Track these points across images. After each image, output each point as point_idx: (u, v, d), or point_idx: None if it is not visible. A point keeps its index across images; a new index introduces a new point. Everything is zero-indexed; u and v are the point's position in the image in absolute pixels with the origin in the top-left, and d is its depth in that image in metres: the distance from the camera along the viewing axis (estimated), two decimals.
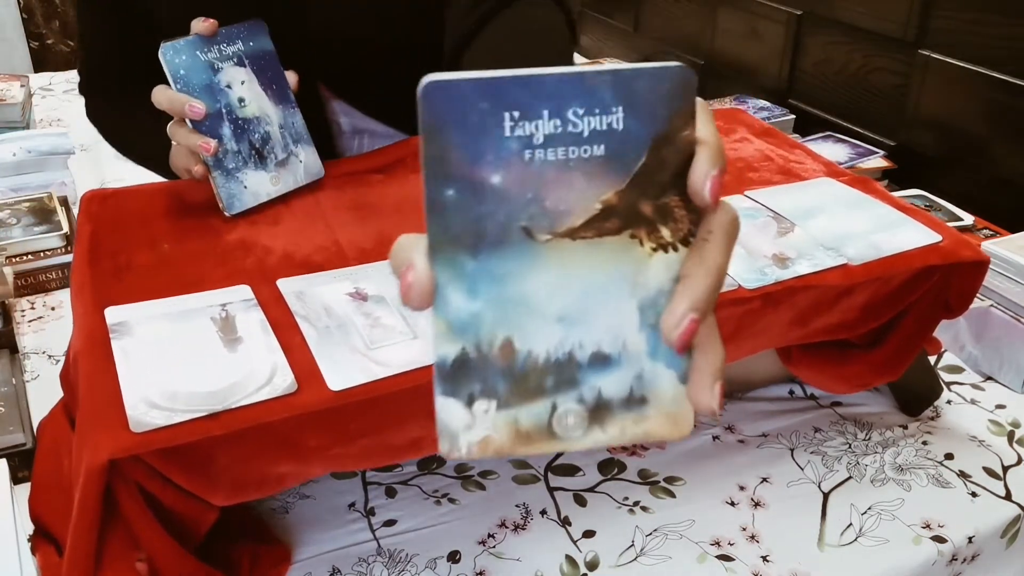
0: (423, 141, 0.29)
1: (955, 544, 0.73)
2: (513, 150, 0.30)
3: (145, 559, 0.55)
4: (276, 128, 0.76)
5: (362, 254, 0.71)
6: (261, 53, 0.75)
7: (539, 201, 0.30)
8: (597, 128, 0.30)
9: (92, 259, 0.69)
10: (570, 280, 0.31)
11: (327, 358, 0.59)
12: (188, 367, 0.58)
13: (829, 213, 0.81)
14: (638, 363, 0.32)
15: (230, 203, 0.74)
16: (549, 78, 0.30)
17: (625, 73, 0.30)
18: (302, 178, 0.78)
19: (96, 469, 0.51)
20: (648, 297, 0.32)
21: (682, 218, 0.32)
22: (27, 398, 0.82)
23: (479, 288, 0.31)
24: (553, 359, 0.32)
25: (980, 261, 0.77)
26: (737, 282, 0.69)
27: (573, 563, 0.69)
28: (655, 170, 0.31)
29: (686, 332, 0.30)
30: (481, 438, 0.32)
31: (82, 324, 0.62)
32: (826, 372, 0.82)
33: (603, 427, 0.33)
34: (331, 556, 0.69)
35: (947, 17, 1.33)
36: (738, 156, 0.92)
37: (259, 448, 0.55)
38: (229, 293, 0.65)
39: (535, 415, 0.32)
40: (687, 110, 0.30)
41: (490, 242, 0.31)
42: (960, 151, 1.35)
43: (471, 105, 0.29)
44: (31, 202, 1.13)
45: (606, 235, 0.31)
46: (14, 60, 2.72)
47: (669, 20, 2.00)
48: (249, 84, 0.74)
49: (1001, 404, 0.91)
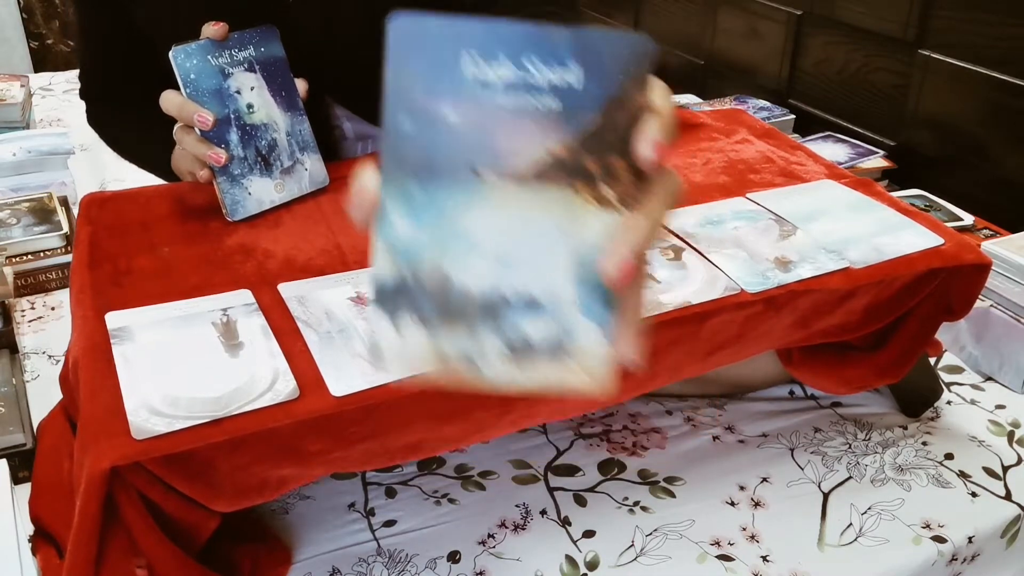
0: (388, 70, 0.31)
1: (955, 544, 0.73)
2: (470, 89, 0.32)
3: (145, 565, 0.55)
4: (283, 135, 0.76)
5: (363, 258, 0.71)
6: (272, 59, 0.75)
7: (490, 142, 0.32)
8: (554, 82, 0.32)
9: (92, 263, 0.68)
10: (510, 223, 0.33)
11: (329, 363, 0.59)
12: (189, 373, 0.57)
13: (831, 216, 0.81)
14: (566, 314, 0.33)
15: (233, 209, 0.74)
16: (510, 25, 0.31)
17: (586, 34, 0.31)
18: (307, 186, 0.78)
19: (98, 476, 0.51)
20: (584, 251, 0.33)
21: (626, 180, 0.33)
22: (27, 398, 0.82)
23: (423, 217, 0.33)
24: (485, 296, 0.33)
25: (982, 264, 0.77)
26: (739, 286, 0.69)
27: (573, 563, 0.69)
28: (605, 130, 0.32)
29: (624, 271, 0.32)
30: (407, 360, 0.34)
31: (82, 329, 0.61)
32: (827, 374, 0.82)
33: (523, 370, 0.34)
34: (331, 556, 0.69)
35: (947, 17, 1.33)
36: (739, 158, 0.92)
37: (261, 454, 0.55)
38: (230, 298, 0.65)
39: (461, 347, 0.34)
40: (641, 78, 0.32)
41: (438, 175, 0.32)
42: (960, 151, 1.35)
43: (433, 40, 0.31)
44: (31, 202, 1.13)
45: (550, 184, 0.32)
46: (14, 60, 2.72)
47: (669, 20, 2.00)
48: (259, 90, 0.74)
49: (1001, 404, 0.91)
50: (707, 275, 0.70)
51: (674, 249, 0.74)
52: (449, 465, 0.79)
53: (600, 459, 0.80)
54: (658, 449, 0.82)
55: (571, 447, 0.82)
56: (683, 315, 0.66)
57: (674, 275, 0.70)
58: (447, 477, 0.78)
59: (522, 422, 0.66)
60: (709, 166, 0.90)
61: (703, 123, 1.00)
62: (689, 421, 0.86)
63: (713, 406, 0.88)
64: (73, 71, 2.03)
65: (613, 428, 0.84)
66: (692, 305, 0.66)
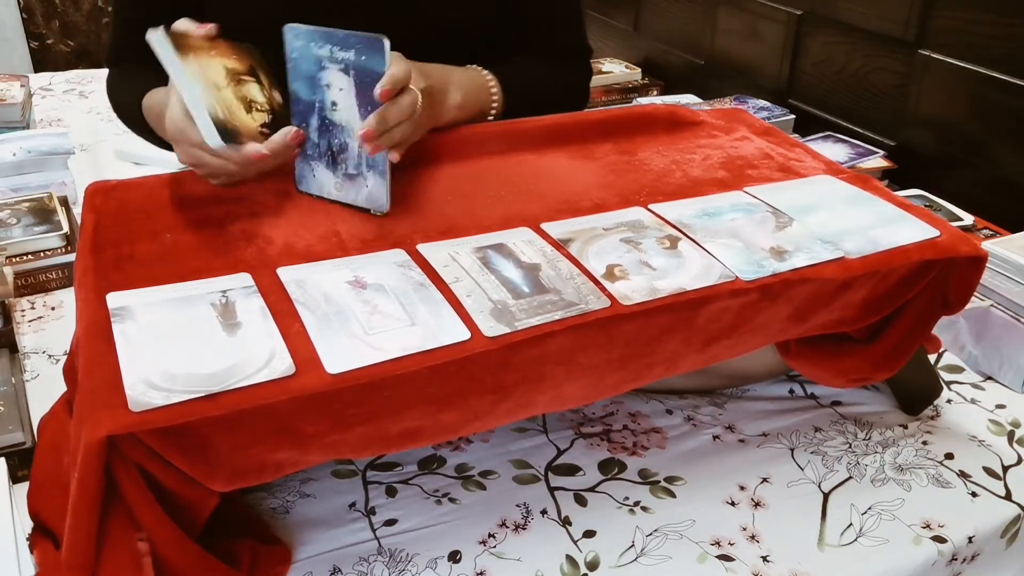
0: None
1: (955, 544, 0.73)
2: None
3: (146, 539, 0.55)
4: (355, 143, 0.75)
5: (363, 245, 0.71)
6: (369, 71, 0.73)
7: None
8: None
9: (95, 249, 0.69)
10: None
11: (325, 343, 0.59)
12: (188, 350, 0.58)
13: (828, 209, 0.81)
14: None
15: (299, 180, 0.79)
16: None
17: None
18: (363, 201, 0.77)
19: (95, 445, 0.51)
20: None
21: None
22: (27, 398, 0.82)
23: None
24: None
25: (978, 257, 0.77)
26: (734, 274, 0.69)
27: (573, 563, 0.69)
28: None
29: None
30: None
31: (84, 311, 0.62)
32: (824, 365, 0.82)
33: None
34: (332, 555, 0.69)
35: (947, 17, 1.33)
36: (738, 154, 0.92)
37: (257, 433, 0.56)
38: (230, 280, 0.66)
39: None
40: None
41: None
42: (960, 151, 1.35)
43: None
44: (31, 202, 1.13)
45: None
46: (14, 60, 2.72)
47: (669, 20, 2.00)
48: (346, 93, 0.74)
49: (1001, 404, 0.91)
50: (703, 263, 0.71)
51: (670, 238, 0.74)
52: (450, 465, 0.79)
53: (600, 459, 0.80)
54: (658, 449, 0.82)
55: (571, 447, 0.82)
56: (678, 301, 0.66)
57: (670, 263, 0.70)
58: (448, 476, 0.78)
59: (519, 411, 0.66)
60: (708, 162, 0.90)
61: (703, 121, 1.00)
62: (689, 420, 0.86)
63: (713, 405, 0.88)
64: (73, 71, 2.03)
65: (613, 428, 0.84)
66: (687, 291, 0.67)
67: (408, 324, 0.62)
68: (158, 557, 0.56)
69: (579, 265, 0.69)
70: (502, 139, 0.91)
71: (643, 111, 1.00)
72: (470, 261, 0.69)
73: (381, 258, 0.69)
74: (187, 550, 0.57)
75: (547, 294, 0.65)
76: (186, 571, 0.58)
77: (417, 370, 0.58)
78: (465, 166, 0.86)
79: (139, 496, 0.54)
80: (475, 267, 0.68)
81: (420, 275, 0.67)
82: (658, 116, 0.99)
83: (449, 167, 0.85)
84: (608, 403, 0.88)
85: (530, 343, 0.62)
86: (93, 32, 2.88)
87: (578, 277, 0.68)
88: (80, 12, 2.85)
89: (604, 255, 0.71)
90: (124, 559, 0.55)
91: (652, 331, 0.66)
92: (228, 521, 0.64)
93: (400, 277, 0.67)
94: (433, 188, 0.81)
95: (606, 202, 0.80)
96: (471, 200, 0.79)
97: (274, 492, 0.75)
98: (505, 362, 0.61)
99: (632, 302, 0.65)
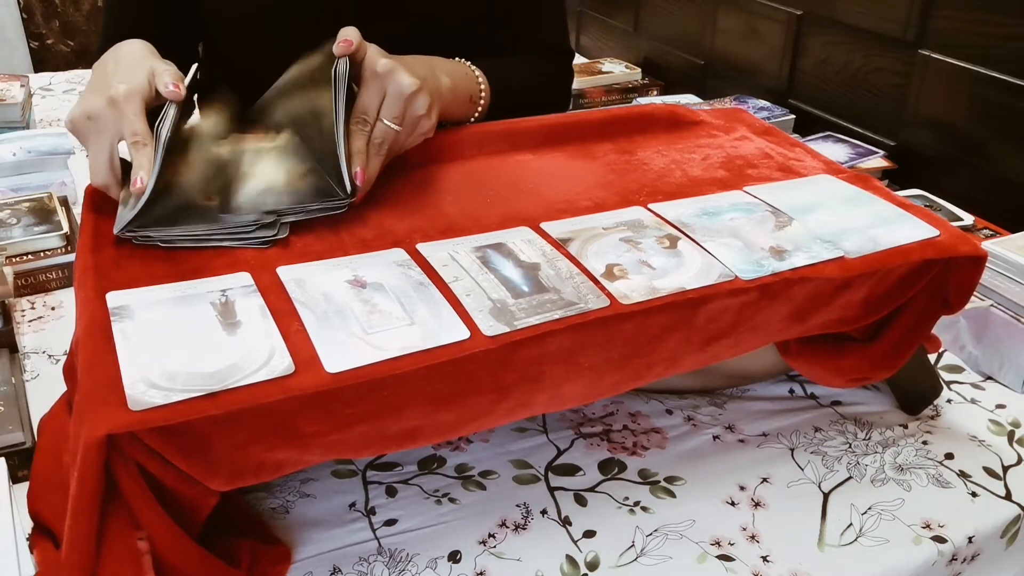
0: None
1: (955, 544, 0.73)
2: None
3: (146, 538, 0.55)
4: None
5: (362, 244, 0.71)
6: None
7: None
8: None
9: (95, 247, 0.69)
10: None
11: (325, 342, 0.59)
12: (187, 349, 0.58)
13: (827, 208, 0.81)
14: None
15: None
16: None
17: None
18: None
19: (94, 444, 0.51)
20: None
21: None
22: (27, 398, 0.82)
23: None
24: None
25: (978, 256, 0.77)
26: (734, 273, 0.69)
27: (573, 563, 0.69)
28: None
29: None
30: None
31: (84, 310, 0.62)
32: (823, 365, 0.82)
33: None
34: (332, 555, 0.69)
35: (947, 17, 1.33)
36: (738, 153, 0.92)
37: (256, 432, 0.56)
38: (229, 279, 0.66)
39: None
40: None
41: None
42: (960, 151, 1.35)
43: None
44: (31, 202, 1.13)
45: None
46: (14, 60, 2.72)
47: (669, 20, 2.00)
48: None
49: (1001, 404, 0.91)
50: (702, 262, 0.71)
51: (670, 238, 0.74)
52: (450, 465, 0.79)
53: (600, 459, 0.80)
54: (658, 449, 0.82)
55: (571, 447, 0.82)
56: (677, 300, 0.66)
57: (669, 262, 0.70)
58: (448, 476, 0.78)
59: (518, 411, 0.66)
60: (707, 161, 0.90)
61: (702, 121, 1.00)
62: (689, 420, 0.86)
63: (713, 405, 0.88)
64: (73, 71, 2.03)
65: (613, 428, 0.84)
66: (686, 291, 0.67)
67: (407, 323, 0.62)
68: (158, 556, 0.56)
69: (578, 264, 0.69)
70: (502, 139, 0.91)
71: (643, 111, 1.00)
72: (469, 260, 0.69)
73: (380, 257, 0.69)
74: (187, 549, 0.57)
75: (546, 293, 0.65)
76: (186, 570, 0.58)
77: (416, 369, 0.58)
78: (465, 166, 0.86)
79: (139, 495, 0.54)
80: (474, 266, 0.68)
81: (419, 274, 0.67)
82: (658, 116, 0.99)
83: (449, 167, 0.86)
84: (608, 403, 0.88)
85: (529, 342, 0.62)
86: (93, 32, 2.88)
87: (577, 276, 0.68)
88: (80, 12, 2.86)
89: (603, 254, 0.71)
90: (124, 558, 0.55)
91: (652, 330, 0.66)
92: (228, 521, 0.64)
93: (399, 276, 0.67)
94: (433, 188, 0.81)
95: (606, 201, 0.80)
96: (471, 200, 0.80)
97: (274, 492, 0.75)
98: (504, 361, 0.61)
99: (631, 301, 0.65)
